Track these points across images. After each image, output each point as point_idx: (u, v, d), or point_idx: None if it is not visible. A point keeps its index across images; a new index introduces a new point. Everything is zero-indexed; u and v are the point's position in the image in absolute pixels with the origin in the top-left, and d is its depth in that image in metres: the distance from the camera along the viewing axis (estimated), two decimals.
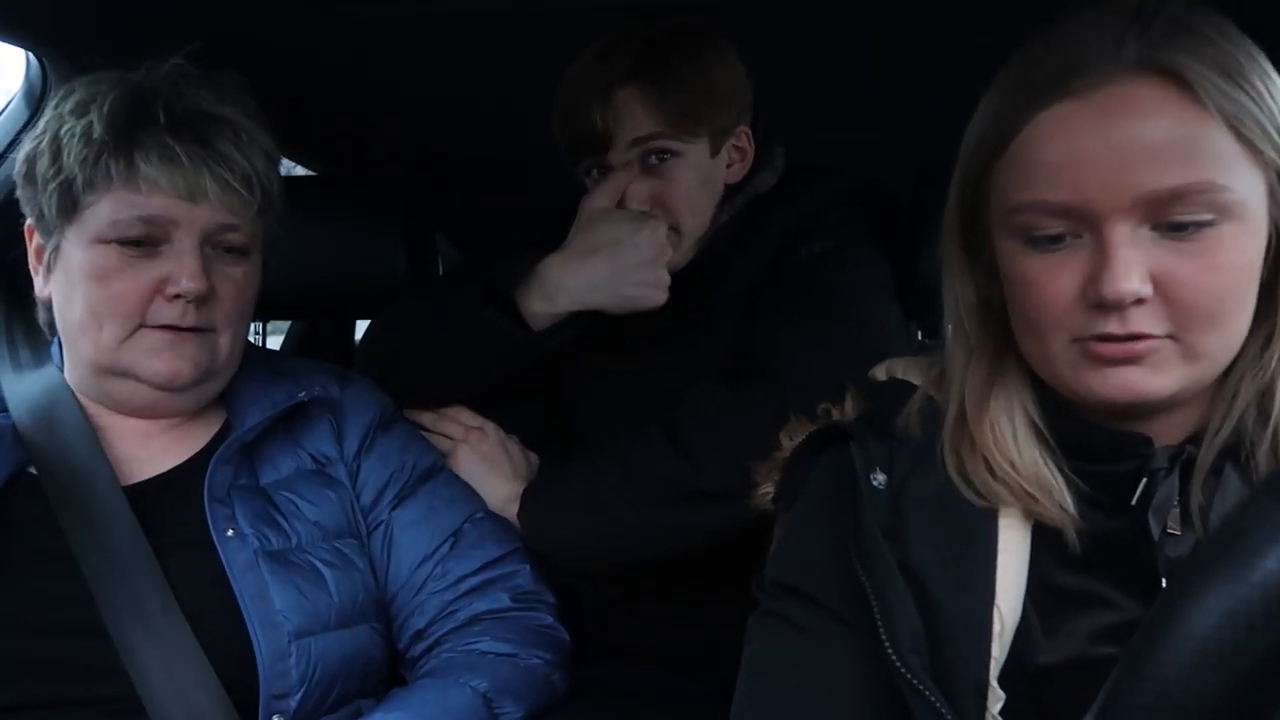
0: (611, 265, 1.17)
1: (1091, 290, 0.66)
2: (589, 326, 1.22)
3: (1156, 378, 0.67)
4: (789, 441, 0.87)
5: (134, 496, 0.98)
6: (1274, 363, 0.70)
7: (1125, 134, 0.65)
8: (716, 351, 1.22)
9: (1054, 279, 0.68)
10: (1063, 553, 0.72)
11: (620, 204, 1.21)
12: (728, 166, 1.27)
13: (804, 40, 1.36)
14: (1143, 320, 0.66)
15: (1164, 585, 0.69)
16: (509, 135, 1.72)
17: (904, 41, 1.35)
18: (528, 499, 1.21)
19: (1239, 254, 0.66)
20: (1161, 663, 0.49)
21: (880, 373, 0.88)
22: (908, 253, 1.26)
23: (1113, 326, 0.66)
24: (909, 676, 0.68)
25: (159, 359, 0.99)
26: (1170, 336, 0.67)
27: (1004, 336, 0.77)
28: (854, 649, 0.74)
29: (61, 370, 1.06)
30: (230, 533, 0.98)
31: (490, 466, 1.24)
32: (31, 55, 1.22)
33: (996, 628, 0.71)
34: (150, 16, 1.16)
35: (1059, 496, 0.72)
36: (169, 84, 1.00)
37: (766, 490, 0.88)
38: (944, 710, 0.67)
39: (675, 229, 1.22)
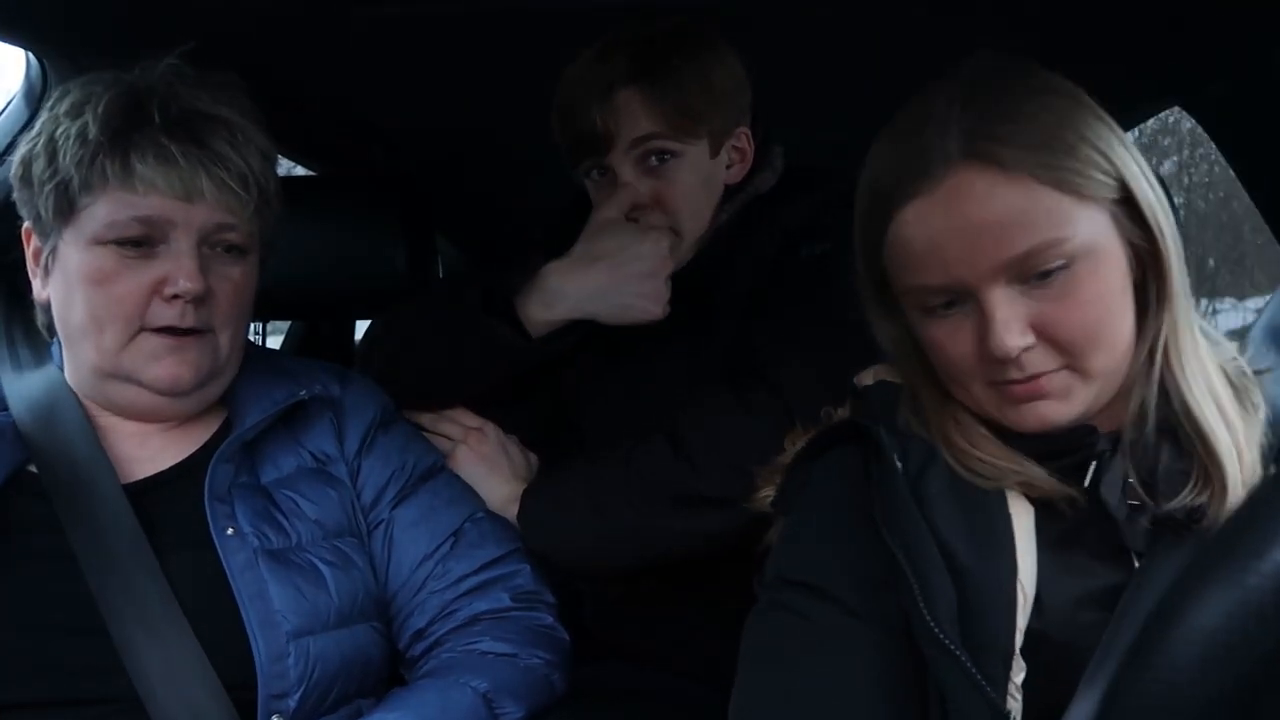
0: (611, 275, 1.17)
1: (984, 348, 0.75)
2: (588, 331, 1.22)
3: (1065, 405, 0.76)
4: (792, 447, 0.89)
5: (134, 495, 0.98)
6: (1159, 345, 0.78)
7: (968, 218, 0.73)
8: (717, 352, 1.22)
9: (954, 340, 0.77)
10: (1050, 533, 0.78)
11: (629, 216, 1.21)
12: (728, 167, 1.26)
13: (804, 40, 1.36)
14: (1037, 362, 0.75)
15: (1136, 561, 0.76)
16: (509, 135, 1.72)
17: (904, 41, 1.35)
18: (527, 500, 1.20)
19: (1099, 284, 0.74)
20: (1171, 652, 0.49)
21: (867, 377, 0.90)
22: None
23: (1013, 374, 0.75)
24: (949, 644, 0.70)
25: (160, 365, 0.99)
26: (1065, 368, 0.75)
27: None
28: (865, 640, 0.76)
29: (62, 370, 1.05)
30: (230, 531, 0.98)
31: (490, 467, 1.24)
32: (31, 55, 1.22)
33: (1020, 600, 0.74)
34: (151, 17, 1.16)
35: (1042, 480, 0.78)
36: (164, 84, 1.00)
37: (767, 494, 0.88)
38: (981, 680, 0.69)
39: (675, 230, 1.22)
